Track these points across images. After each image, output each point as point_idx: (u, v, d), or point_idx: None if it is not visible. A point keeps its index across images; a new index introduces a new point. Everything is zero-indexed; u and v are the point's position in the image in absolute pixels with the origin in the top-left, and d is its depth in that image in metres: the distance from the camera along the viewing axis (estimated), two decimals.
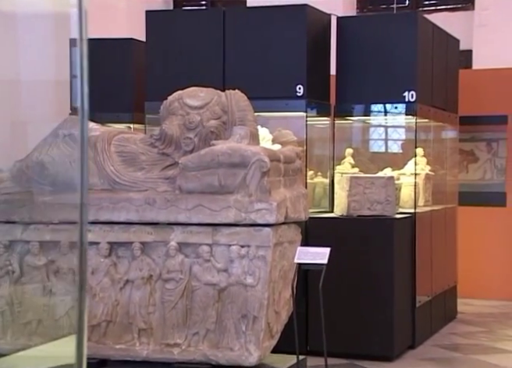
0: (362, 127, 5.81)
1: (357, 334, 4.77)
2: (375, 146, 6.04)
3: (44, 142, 3.56)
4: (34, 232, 3.41)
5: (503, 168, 7.09)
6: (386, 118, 5.44)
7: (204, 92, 3.45)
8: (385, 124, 5.75)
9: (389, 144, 6.01)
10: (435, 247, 5.58)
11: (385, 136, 5.93)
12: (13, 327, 3.37)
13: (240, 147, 3.21)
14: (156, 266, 3.31)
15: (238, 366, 3.21)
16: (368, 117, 5.48)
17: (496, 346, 5.26)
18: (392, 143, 6.03)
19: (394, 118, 5.42)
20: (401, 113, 5.23)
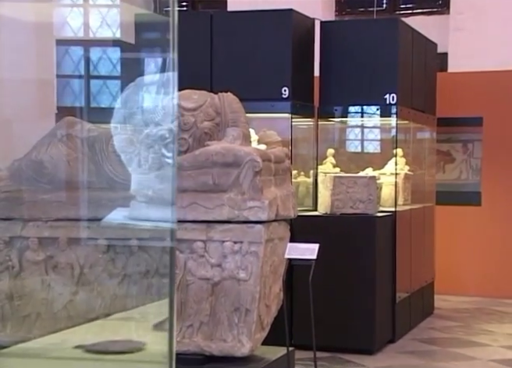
0: (344, 128, 5.99)
1: (339, 328, 4.95)
2: (356, 146, 6.23)
3: (42, 142, 3.68)
4: (33, 229, 3.53)
5: (478, 168, 7.32)
6: (368, 119, 5.63)
7: (197, 94, 3.60)
8: (367, 125, 5.94)
9: (370, 145, 6.21)
10: (414, 245, 5.78)
11: (366, 136, 6.12)
12: (13, 320, 3.48)
13: (233, 148, 3.36)
14: (153, 261, 3.45)
15: (231, 357, 3.36)
16: (350, 118, 5.67)
17: (472, 340, 5.47)
18: (373, 143, 6.22)
19: (375, 119, 5.62)
20: (382, 115, 5.43)
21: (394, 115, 5.34)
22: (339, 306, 4.96)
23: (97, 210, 3.52)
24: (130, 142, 3.43)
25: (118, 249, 3.54)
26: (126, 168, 3.58)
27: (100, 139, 3.61)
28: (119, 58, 6.16)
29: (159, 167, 3.43)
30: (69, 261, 3.51)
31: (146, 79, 3.46)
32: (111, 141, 3.63)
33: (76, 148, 3.58)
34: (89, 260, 3.46)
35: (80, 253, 3.53)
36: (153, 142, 3.43)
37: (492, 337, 5.55)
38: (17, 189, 3.58)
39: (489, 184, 7.18)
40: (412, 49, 5.78)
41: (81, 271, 3.52)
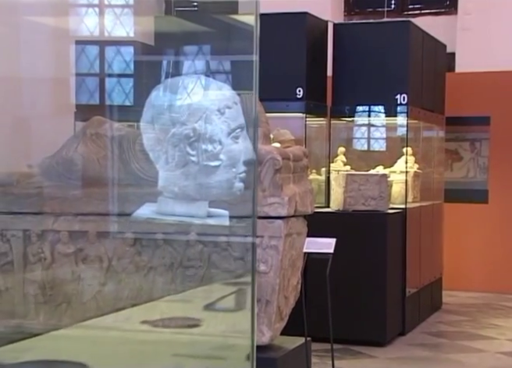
0: (355, 127, 6.16)
1: (351, 320, 5.12)
2: (366, 145, 6.40)
3: (71, 140, 3.85)
4: (64, 223, 3.70)
5: (485, 166, 7.48)
6: (379, 119, 5.80)
7: None
8: (377, 124, 6.11)
9: (380, 143, 6.37)
10: (423, 241, 5.95)
11: (377, 135, 6.28)
12: (45, 309, 3.66)
13: (255, 147, 3.53)
14: (177, 254, 3.63)
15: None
16: (362, 118, 5.84)
17: (479, 333, 5.64)
18: (383, 142, 6.39)
19: (386, 119, 5.78)
20: (393, 114, 5.59)
21: (405, 115, 5.51)
22: (351, 299, 5.13)
23: (125, 206, 3.69)
24: (158, 141, 3.59)
25: (144, 242, 3.71)
26: (152, 165, 3.76)
27: (127, 137, 3.77)
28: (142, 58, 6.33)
29: (184, 164, 3.60)
30: (98, 254, 3.68)
31: (172, 81, 3.63)
32: (137, 140, 3.80)
33: (104, 146, 3.75)
34: (117, 252, 3.64)
35: (108, 246, 3.70)
36: (178, 141, 3.59)
37: (499, 330, 5.72)
38: (48, 185, 3.75)
39: (496, 182, 7.33)
40: (422, 50, 5.95)
41: (109, 263, 3.69)
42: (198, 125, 3.36)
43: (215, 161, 3.39)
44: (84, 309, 3.68)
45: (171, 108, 3.64)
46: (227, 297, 3.03)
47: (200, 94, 3.54)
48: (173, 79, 3.68)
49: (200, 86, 3.62)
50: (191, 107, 3.52)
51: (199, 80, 3.70)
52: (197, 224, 3.66)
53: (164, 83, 3.59)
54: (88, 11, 8.23)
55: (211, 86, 3.55)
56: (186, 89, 3.64)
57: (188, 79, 3.64)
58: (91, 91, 6.54)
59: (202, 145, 3.55)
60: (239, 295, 3.20)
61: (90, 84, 6.67)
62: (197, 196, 3.62)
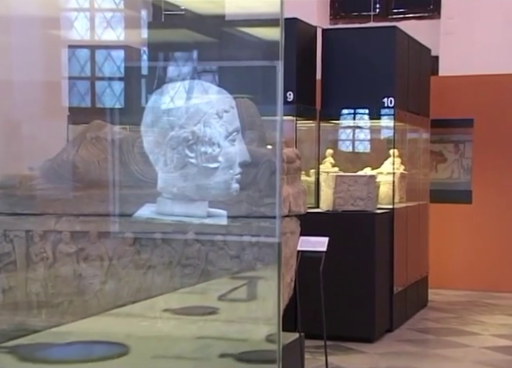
0: (343, 129, 6.32)
1: (341, 317, 5.27)
2: (354, 147, 6.56)
3: (72, 143, 3.97)
4: (66, 223, 3.81)
5: (469, 167, 7.66)
6: (366, 121, 5.96)
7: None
8: (365, 127, 6.27)
9: (368, 145, 6.54)
10: (410, 240, 6.12)
11: (364, 138, 6.45)
12: (47, 307, 3.77)
13: (250, 149, 3.67)
14: (176, 253, 3.76)
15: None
16: (350, 121, 6.00)
17: (465, 329, 5.81)
18: (370, 144, 6.55)
19: (373, 121, 5.95)
20: (380, 117, 5.76)
21: (391, 118, 5.68)
22: (340, 297, 5.28)
23: (125, 207, 3.81)
24: (157, 143, 3.72)
25: (143, 241, 3.84)
26: (151, 167, 3.88)
27: (126, 141, 3.90)
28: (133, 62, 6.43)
29: (183, 166, 3.73)
30: (99, 253, 3.80)
31: (171, 86, 3.76)
32: (136, 143, 3.93)
33: (104, 149, 3.87)
34: (117, 252, 3.76)
35: (108, 246, 3.82)
36: (177, 143, 3.73)
37: (484, 327, 5.89)
38: (50, 187, 3.87)
39: (480, 183, 7.52)
40: (408, 55, 6.12)
41: (110, 262, 3.81)
42: (197, 129, 3.50)
43: (214, 162, 3.53)
44: (86, 307, 3.80)
45: (170, 112, 3.78)
46: (238, 289, 3.18)
47: (198, 98, 3.68)
48: (172, 83, 3.81)
49: (198, 90, 3.76)
50: (190, 111, 3.65)
51: (197, 85, 3.84)
52: (194, 224, 3.80)
53: (163, 87, 3.72)
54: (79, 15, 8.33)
55: (208, 90, 3.69)
56: (185, 93, 3.78)
57: (186, 83, 3.77)
58: (82, 94, 6.65)
59: (201, 147, 3.69)
60: (250, 287, 3.34)
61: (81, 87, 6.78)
62: (196, 197, 3.75)
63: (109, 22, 9.32)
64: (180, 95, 3.84)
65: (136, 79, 5.90)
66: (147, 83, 5.74)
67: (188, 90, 3.71)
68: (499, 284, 7.33)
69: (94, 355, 2.37)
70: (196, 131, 3.49)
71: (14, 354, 2.44)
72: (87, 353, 2.41)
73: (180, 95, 3.84)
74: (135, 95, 5.96)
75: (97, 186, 3.88)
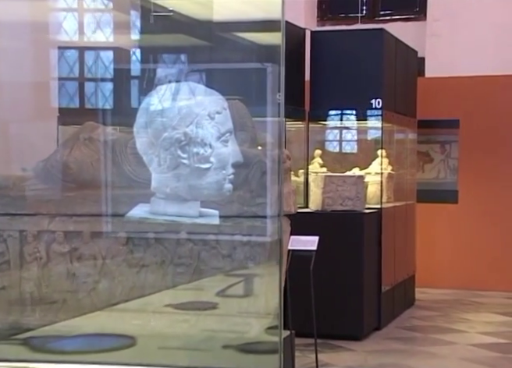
0: (332, 130, 6.40)
1: (330, 316, 5.34)
2: (342, 147, 6.64)
3: (65, 144, 4.00)
4: (59, 223, 3.85)
5: (455, 167, 7.77)
6: (354, 122, 6.04)
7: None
8: (353, 128, 6.35)
9: (356, 146, 6.62)
10: (397, 240, 6.20)
11: (353, 138, 6.53)
12: (41, 306, 3.81)
13: (242, 150, 3.74)
14: (168, 252, 3.81)
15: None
16: (338, 122, 6.08)
17: (451, 327, 5.90)
18: (358, 145, 6.63)
19: (362, 122, 6.03)
20: (368, 118, 5.84)
21: (379, 119, 5.76)
22: (329, 296, 5.35)
23: (118, 207, 3.86)
24: (151, 144, 3.77)
25: (136, 241, 3.89)
26: (144, 168, 3.93)
27: (119, 142, 3.94)
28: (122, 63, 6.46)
29: (175, 167, 3.79)
30: (92, 252, 3.85)
31: (163, 88, 3.82)
32: (129, 144, 3.98)
33: (97, 150, 3.92)
34: (110, 251, 3.81)
35: (102, 245, 3.86)
36: (170, 144, 3.78)
37: (469, 324, 5.99)
38: (44, 188, 3.91)
39: (466, 183, 7.62)
40: (395, 57, 6.21)
41: (103, 262, 3.86)
42: (189, 130, 3.56)
43: (206, 163, 3.59)
44: (79, 306, 3.84)
45: (163, 113, 3.83)
46: (235, 285, 3.26)
47: (190, 100, 3.73)
48: (164, 85, 3.86)
49: (191, 92, 3.81)
50: (182, 113, 3.71)
51: (189, 87, 3.89)
52: (186, 224, 3.85)
53: (156, 89, 3.77)
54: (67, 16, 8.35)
55: (201, 92, 3.75)
56: (177, 95, 3.83)
57: (178, 85, 3.83)
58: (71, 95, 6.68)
59: (193, 148, 3.75)
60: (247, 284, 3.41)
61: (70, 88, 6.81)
62: (189, 197, 3.81)
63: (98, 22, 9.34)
64: (173, 97, 3.90)
65: (126, 80, 5.93)
66: (136, 84, 5.78)
67: (180, 91, 3.76)
68: (484, 283, 7.43)
69: (104, 346, 2.44)
70: (188, 132, 3.55)
71: (27, 345, 2.51)
72: (97, 345, 2.48)
73: (173, 97, 3.90)
74: (124, 96, 6.00)
75: (91, 187, 3.92)
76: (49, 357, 2.27)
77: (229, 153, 3.73)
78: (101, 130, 3.99)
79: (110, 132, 3.96)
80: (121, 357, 2.28)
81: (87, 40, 8.60)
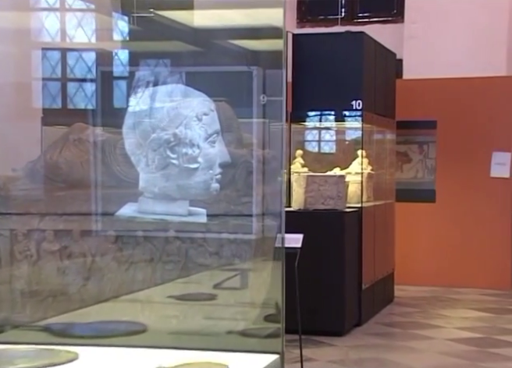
0: (313, 131, 6.53)
1: (312, 312, 5.47)
2: (323, 148, 6.78)
3: (55, 145, 4.08)
4: (49, 222, 3.93)
5: (432, 167, 7.94)
6: (336, 123, 6.18)
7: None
8: (334, 129, 6.48)
9: (336, 146, 6.76)
10: (377, 238, 6.35)
11: (333, 139, 6.66)
12: (31, 303, 3.89)
13: (229, 151, 3.85)
14: (157, 250, 3.91)
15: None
16: (320, 122, 6.21)
17: (429, 323, 6.06)
18: (339, 145, 6.77)
19: (343, 123, 6.17)
20: (349, 119, 5.98)
21: (359, 120, 5.90)
22: (311, 293, 5.48)
23: (107, 206, 3.95)
24: (139, 145, 3.87)
25: (125, 239, 3.98)
26: (133, 168, 4.03)
27: (108, 142, 4.03)
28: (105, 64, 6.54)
29: (164, 167, 3.89)
30: (82, 251, 3.93)
31: (152, 90, 3.91)
32: (118, 144, 4.07)
33: (87, 151, 4.01)
34: (100, 249, 3.90)
35: (91, 244, 3.95)
36: (158, 145, 3.89)
37: (447, 320, 6.15)
38: (34, 188, 3.99)
39: (443, 182, 7.79)
40: (375, 59, 6.35)
41: (93, 259, 3.95)
42: (178, 131, 3.67)
43: (194, 163, 3.69)
44: (69, 303, 3.93)
45: (151, 115, 3.93)
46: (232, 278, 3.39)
47: (179, 102, 3.84)
48: (154, 87, 3.96)
49: (179, 94, 3.92)
50: (171, 114, 3.81)
51: (177, 89, 3.99)
52: (175, 222, 3.95)
53: (145, 91, 3.87)
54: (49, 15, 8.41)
55: (189, 94, 3.85)
56: (165, 97, 3.94)
57: (167, 88, 3.93)
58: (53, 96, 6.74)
59: (182, 149, 3.86)
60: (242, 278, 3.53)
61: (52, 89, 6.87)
62: (177, 196, 3.92)
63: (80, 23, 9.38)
64: (161, 99, 4.00)
65: (108, 81, 6.01)
66: (119, 85, 5.86)
67: (169, 93, 3.86)
68: (460, 280, 7.61)
69: (118, 331, 2.56)
70: (177, 133, 3.65)
71: (48, 331, 2.63)
72: (112, 330, 2.60)
73: (161, 99, 4.00)
74: (107, 97, 6.07)
75: (80, 186, 4.01)
76: (70, 341, 2.40)
77: (216, 153, 3.84)
78: (90, 131, 4.07)
79: (99, 133, 4.05)
80: (134, 341, 2.42)
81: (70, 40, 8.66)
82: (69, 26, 8.13)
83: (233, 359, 1.98)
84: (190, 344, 2.35)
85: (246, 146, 5.01)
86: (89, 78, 7.18)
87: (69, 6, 8.27)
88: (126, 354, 2.16)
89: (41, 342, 2.31)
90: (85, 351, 2.14)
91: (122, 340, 2.41)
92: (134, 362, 2.08)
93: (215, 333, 2.62)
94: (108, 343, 2.31)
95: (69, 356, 2.07)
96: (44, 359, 1.98)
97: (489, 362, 4.94)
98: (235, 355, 2.07)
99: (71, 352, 2.11)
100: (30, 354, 2.04)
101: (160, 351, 2.16)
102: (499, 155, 7.67)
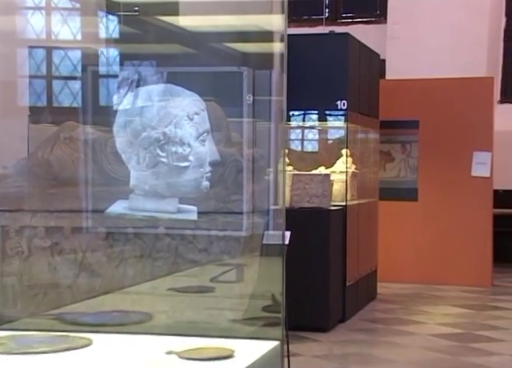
0: (298, 130, 6.62)
1: (296, 308, 5.55)
2: (308, 147, 6.87)
3: (46, 143, 4.14)
4: (41, 219, 3.99)
5: (415, 166, 8.06)
6: (321, 123, 6.27)
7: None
8: (319, 128, 6.58)
9: (321, 146, 6.85)
10: (361, 236, 6.45)
11: (318, 138, 6.76)
12: (22, 298, 3.95)
13: (218, 149, 3.92)
14: (147, 247, 3.98)
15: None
16: (305, 122, 6.30)
17: (411, 319, 6.18)
18: (324, 144, 6.86)
19: (328, 123, 6.26)
20: (334, 119, 6.08)
21: (344, 119, 6.00)
22: (296, 289, 5.57)
23: (98, 203, 4.02)
24: (130, 143, 3.94)
25: (116, 236, 4.05)
26: (123, 166, 4.09)
27: (99, 141, 4.09)
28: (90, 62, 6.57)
29: (154, 165, 3.96)
30: (73, 247, 3.99)
31: (143, 90, 3.98)
32: (109, 143, 4.13)
33: (78, 149, 4.07)
34: (90, 245, 3.96)
35: (82, 240, 4.02)
36: (149, 143, 3.96)
37: (429, 316, 6.27)
38: (25, 185, 4.04)
39: (425, 181, 7.92)
40: (359, 60, 6.45)
41: (83, 256, 4.01)
42: (168, 130, 3.74)
43: (184, 161, 3.77)
44: (60, 298, 3.99)
45: (142, 114, 4.00)
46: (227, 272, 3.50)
47: (169, 101, 3.91)
48: (145, 87, 4.03)
49: (170, 93, 3.99)
50: (161, 113, 3.89)
51: (168, 88, 4.06)
52: (165, 219, 4.03)
53: (136, 90, 3.93)
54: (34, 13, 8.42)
55: (179, 93, 3.92)
56: (156, 96, 4.00)
57: (158, 87, 4.00)
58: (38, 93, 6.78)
59: (172, 147, 3.93)
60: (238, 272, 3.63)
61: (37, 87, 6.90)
62: (167, 194, 3.99)
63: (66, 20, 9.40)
64: (152, 98, 4.07)
65: (94, 79, 6.05)
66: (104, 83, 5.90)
67: (159, 93, 3.93)
68: (441, 277, 7.74)
69: (127, 320, 2.65)
70: (167, 132, 3.72)
71: (61, 320, 2.71)
72: (120, 319, 2.68)
73: (152, 98, 4.07)
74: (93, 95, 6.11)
75: (72, 184, 4.07)
76: (82, 329, 2.50)
77: (206, 152, 3.92)
78: (81, 129, 4.13)
79: (90, 131, 4.11)
80: (141, 329, 2.53)
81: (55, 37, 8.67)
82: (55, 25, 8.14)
83: (238, 345, 2.10)
84: (195, 332, 2.47)
85: (234, 145, 5.10)
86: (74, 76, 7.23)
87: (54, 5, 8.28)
88: (137, 340, 2.28)
89: (54, 330, 2.41)
90: (97, 337, 2.26)
91: (130, 328, 2.54)
92: (145, 348, 2.20)
93: (216, 322, 2.73)
94: (118, 331, 2.44)
95: (84, 342, 2.20)
96: (60, 344, 2.12)
97: (470, 356, 5.06)
98: (239, 341, 2.20)
99: (85, 338, 2.24)
100: (47, 340, 2.18)
101: (168, 338, 2.29)
102: (480, 155, 7.80)
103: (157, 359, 2.04)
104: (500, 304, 6.83)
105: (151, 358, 2.08)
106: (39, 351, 2.09)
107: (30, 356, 2.07)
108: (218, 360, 1.99)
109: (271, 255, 4.61)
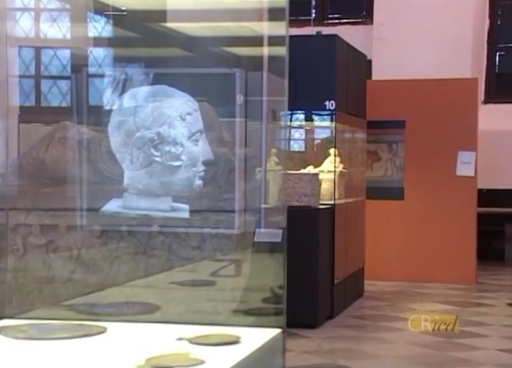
0: (287, 130, 6.71)
1: (286, 305, 5.64)
2: (296, 146, 6.97)
3: (40, 143, 4.21)
4: (36, 217, 4.05)
5: (401, 166, 8.17)
6: (310, 123, 6.37)
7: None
8: (308, 128, 6.68)
9: (309, 145, 6.95)
10: (349, 234, 6.56)
11: (307, 138, 6.85)
12: (17, 295, 4.01)
13: (211, 149, 4.00)
14: (141, 245, 4.05)
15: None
16: (294, 122, 6.39)
17: (398, 315, 6.29)
18: (312, 144, 6.96)
19: (316, 123, 6.36)
20: (323, 119, 6.18)
21: (332, 119, 6.10)
22: (286, 286, 5.65)
23: (92, 202, 4.09)
24: (124, 143, 4.01)
25: (110, 234, 4.12)
26: (117, 165, 4.16)
27: (93, 140, 4.16)
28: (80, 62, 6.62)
29: (148, 164, 4.03)
30: (68, 245, 4.06)
31: (136, 91, 4.06)
32: (103, 142, 4.20)
33: (72, 148, 4.14)
34: (85, 243, 4.03)
35: (77, 238, 4.09)
36: (142, 143, 4.03)
37: (415, 313, 6.38)
38: (20, 184, 4.11)
39: (411, 180, 8.04)
40: (347, 61, 6.55)
41: (78, 253, 4.08)
42: (162, 130, 3.82)
43: (177, 161, 3.85)
44: (55, 295, 4.05)
45: (136, 114, 4.07)
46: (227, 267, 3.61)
47: (163, 102, 3.98)
48: (138, 88, 4.10)
49: (163, 94, 4.06)
50: (155, 114, 3.96)
51: (162, 89, 4.14)
52: (158, 218, 4.10)
53: (129, 92, 4.01)
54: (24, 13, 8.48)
55: (173, 94, 4.00)
56: (150, 97, 4.08)
57: (152, 88, 4.07)
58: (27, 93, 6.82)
59: (165, 147, 4.01)
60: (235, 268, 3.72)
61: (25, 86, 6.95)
62: (160, 193, 4.06)
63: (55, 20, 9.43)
64: (145, 99, 4.14)
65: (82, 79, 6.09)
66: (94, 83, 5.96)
67: (153, 94, 4.01)
68: (427, 275, 7.86)
69: (134, 310, 2.75)
70: (161, 132, 3.80)
71: (74, 310, 2.81)
72: (129, 309, 2.78)
73: (145, 99, 4.14)
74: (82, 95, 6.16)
75: (66, 183, 4.14)
76: (95, 318, 2.60)
77: (199, 151, 4.00)
78: (76, 129, 4.20)
79: (84, 131, 4.18)
80: (150, 318, 2.63)
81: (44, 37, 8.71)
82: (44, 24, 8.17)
83: (243, 332, 2.29)
84: (205, 320, 2.58)
85: (226, 144, 5.19)
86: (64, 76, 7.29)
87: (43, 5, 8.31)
88: (149, 328, 2.45)
89: (69, 318, 2.57)
90: (112, 325, 2.42)
91: (140, 318, 2.67)
92: (157, 335, 2.36)
93: (219, 312, 2.84)
94: (130, 320, 2.57)
95: (100, 329, 2.37)
96: (78, 331, 2.29)
97: (455, 351, 5.17)
98: (244, 329, 2.38)
99: (100, 327, 2.39)
100: (66, 327, 2.36)
101: (178, 326, 2.46)
102: (465, 154, 7.92)
103: (169, 345, 2.17)
104: (484, 301, 6.96)
105: (164, 343, 2.21)
106: (58, 337, 2.27)
107: (50, 342, 2.25)
108: (226, 345, 2.16)
109: (262, 251, 4.70)
